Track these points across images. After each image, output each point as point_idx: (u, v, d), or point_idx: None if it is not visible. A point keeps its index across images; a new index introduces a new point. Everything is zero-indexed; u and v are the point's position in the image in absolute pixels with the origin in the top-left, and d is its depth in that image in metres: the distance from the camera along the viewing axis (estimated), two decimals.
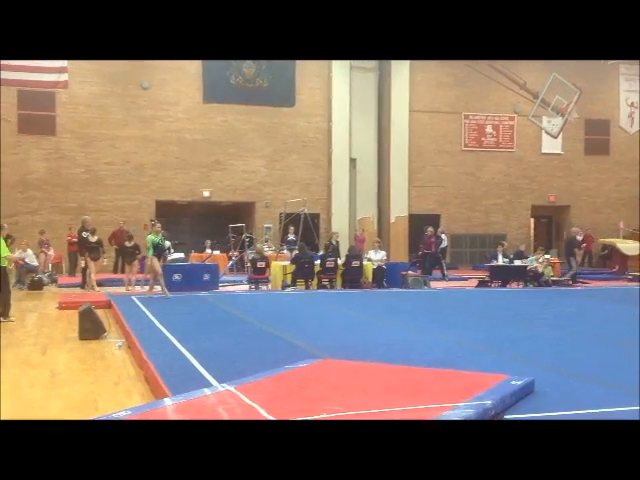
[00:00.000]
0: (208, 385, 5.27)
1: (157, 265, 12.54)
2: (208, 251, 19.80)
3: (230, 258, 19.33)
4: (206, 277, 14.52)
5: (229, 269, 18.59)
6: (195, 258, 18.73)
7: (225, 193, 21.96)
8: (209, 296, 13.17)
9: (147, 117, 21.10)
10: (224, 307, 11.38)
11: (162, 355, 6.62)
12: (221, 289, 14.97)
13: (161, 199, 21.33)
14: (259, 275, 15.17)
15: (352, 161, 23.09)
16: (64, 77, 20.23)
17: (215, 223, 22.29)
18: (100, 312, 9.30)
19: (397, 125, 23.13)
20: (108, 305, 11.31)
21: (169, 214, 21.82)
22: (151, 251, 12.48)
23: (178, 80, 21.33)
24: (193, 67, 21.24)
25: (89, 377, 6.32)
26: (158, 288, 13.34)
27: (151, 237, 12.62)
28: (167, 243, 14.45)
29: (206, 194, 21.67)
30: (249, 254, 17.24)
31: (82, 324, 8.53)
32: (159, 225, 13.13)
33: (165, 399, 4.78)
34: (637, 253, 21.32)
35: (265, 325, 9.11)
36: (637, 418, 4.44)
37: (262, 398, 4.60)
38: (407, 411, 4.34)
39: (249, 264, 16.20)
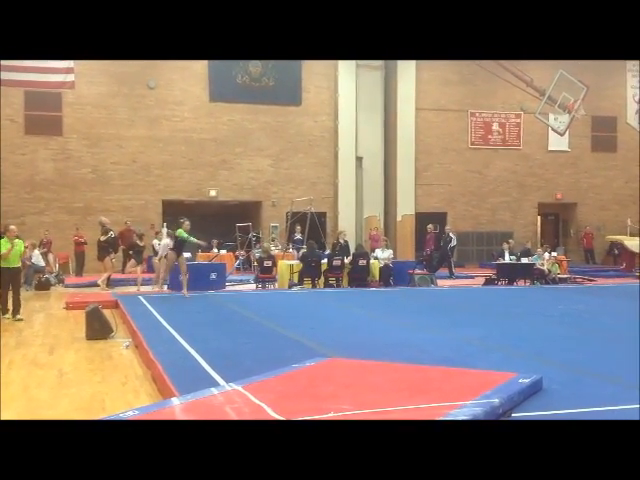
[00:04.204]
0: (216, 384, 5.26)
1: (183, 263, 12.68)
2: (215, 250, 19.81)
3: (237, 257, 19.33)
4: (213, 276, 14.52)
5: (236, 268, 18.60)
6: (202, 258, 18.74)
7: (232, 192, 21.97)
8: (216, 295, 13.18)
9: (154, 117, 21.14)
10: (231, 306, 11.38)
11: (169, 355, 6.62)
12: (228, 288, 14.97)
13: (167, 198, 21.36)
14: (266, 274, 15.17)
15: (358, 160, 23.06)
16: (71, 78, 20.28)
17: (222, 222, 22.30)
18: (107, 312, 9.32)
19: (403, 123, 23.09)
20: (115, 305, 11.33)
21: (176, 213, 21.80)
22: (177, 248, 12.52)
23: (184, 80, 21.35)
24: (199, 67, 21.25)
25: (96, 377, 6.33)
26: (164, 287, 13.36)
27: (180, 232, 12.52)
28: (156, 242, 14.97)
29: (213, 193, 21.69)
30: (256, 253, 17.24)
31: (89, 324, 8.55)
32: (188, 223, 12.82)
33: (172, 399, 4.78)
34: None
35: (272, 324, 9.11)
36: None
37: (270, 397, 4.59)
38: (415, 409, 4.33)
39: (256, 263, 16.20)
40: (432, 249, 19.17)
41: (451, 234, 18.87)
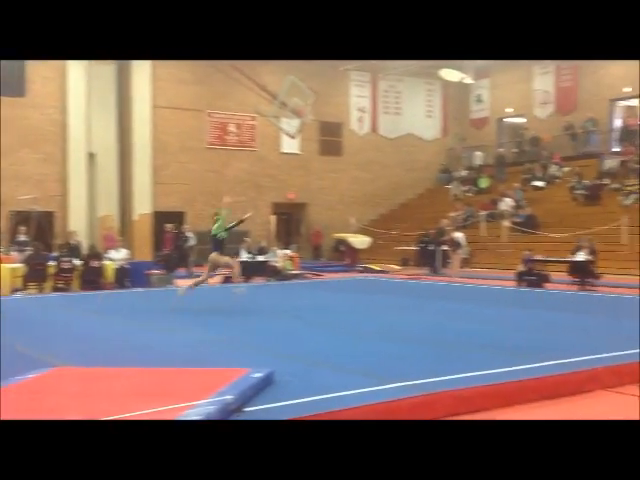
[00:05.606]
0: None
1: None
2: None
3: None
4: None
5: None
6: None
7: None
8: None
9: None
10: None
11: None
12: None
13: None
14: None
15: (91, 156, 21.92)
16: None
17: None
18: None
19: (140, 120, 22.49)
20: None
21: None
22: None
23: None
24: None
25: None
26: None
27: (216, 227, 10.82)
28: None
29: None
30: None
31: None
32: (225, 211, 11.27)
33: None
34: (366, 246, 23.36)
35: None
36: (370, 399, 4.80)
37: None
38: (148, 414, 4.20)
39: None
40: (170, 249, 19.01)
41: (188, 233, 18.91)
